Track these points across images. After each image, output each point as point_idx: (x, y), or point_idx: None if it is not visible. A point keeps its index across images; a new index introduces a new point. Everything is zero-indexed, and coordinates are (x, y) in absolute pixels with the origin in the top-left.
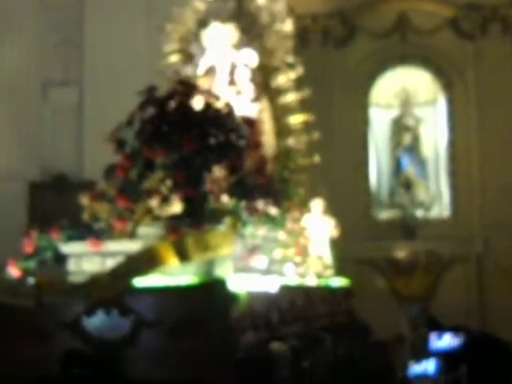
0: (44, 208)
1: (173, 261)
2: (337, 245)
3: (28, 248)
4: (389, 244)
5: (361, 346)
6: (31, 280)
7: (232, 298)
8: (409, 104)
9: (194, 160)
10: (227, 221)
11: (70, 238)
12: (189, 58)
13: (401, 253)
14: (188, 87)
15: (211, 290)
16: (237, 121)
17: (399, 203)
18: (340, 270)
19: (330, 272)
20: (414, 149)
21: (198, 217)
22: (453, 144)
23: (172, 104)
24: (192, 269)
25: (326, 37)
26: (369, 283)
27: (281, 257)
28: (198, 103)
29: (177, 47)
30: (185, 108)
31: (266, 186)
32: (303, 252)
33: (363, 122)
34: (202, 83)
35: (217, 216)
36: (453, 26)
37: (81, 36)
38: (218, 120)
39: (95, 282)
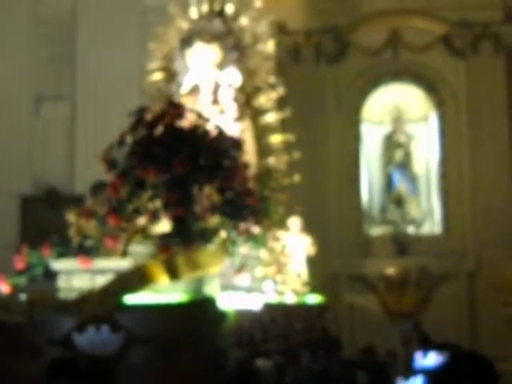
0: (35, 222)
1: (163, 278)
2: (327, 261)
3: (19, 264)
4: (380, 260)
5: (336, 361)
6: (23, 296)
7: (221, 315)
8: (401, 121)
9: (185, 181)
10: (216, 240)
11: (61, 255)
12: (172, 76)
13: (392, 269)
14: (178, 108)
15: (201, 308)
16: (226, 142)
17: (391, 219)
18: (327, 287)
19: (306, 289)
20: (405, 165)
21: (189, 236)
22: (444, 161)
23: (162, 125)
24: (182, 286)
25: (319, 53)
26: (360, 299)
27: (262, 275)
28: (187, 124)
29: (160, 65)
30: (175, 129)
31: (254, 206)
32: (283, 270)
33: (355, 138)
34: (186, 102)
35: (206, 235)
36: (445, 43)
37: (73, 50)
38: (207, 141)
39: (86, 298)
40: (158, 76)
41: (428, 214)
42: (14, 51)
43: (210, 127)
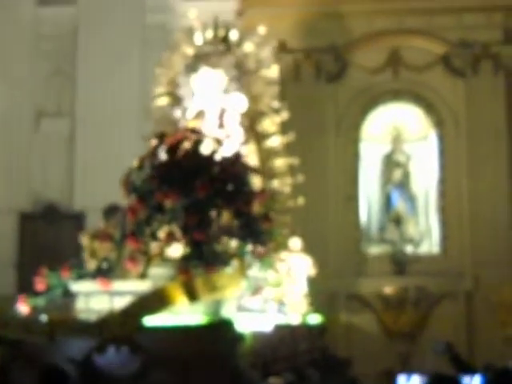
0: (34, 238)
1: (182, 301)
2: (326, 280)
3: (39, 286)
4: (378, 279)
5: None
6: (43, 317)
7: (238, 337)
8: (400, 140)
9: (205, 205)
10: (234, 263)
11: (80, 277)
12: (177, 101)
13: (390, 288)
14: (197, 134)
15: (219, 330)
16: (244, 167)
17: (389, 239)
18: (327, 306)
19: (308, 309)
20: (404, 185)
21: (208, 259)
22: (443, 180)
23: (182, 150)
24: (200, 308)
25: (319, 72)
26: (358, 318)
27: (270, 296)
28: (206, 149)
29: (165, 90)
30: (195, 154)
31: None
32: (287, 290)
33: (354, 157)
34: (192, 126)
35: (224, 258)
36: (444, 63)
37: (74, 67)
38: (226, 166)
39: (107, 320)
40: (163, 101)
41: (426, 234)
42: (15, 66)
43: (228, 152)
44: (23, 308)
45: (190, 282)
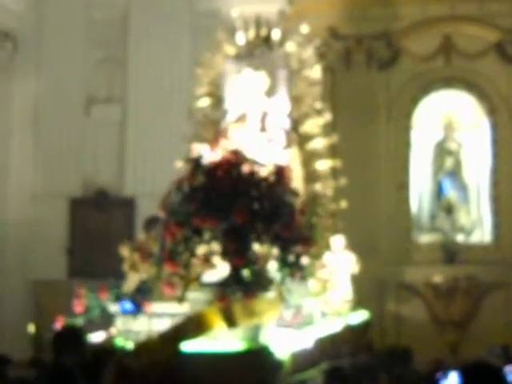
0: (85, 223)
1: (220, 326)
2: (377, 268)
3: (78, 308)
4: (429, 268)
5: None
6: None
7: (278, 364)
8: (452, 128)
9: (243, 230)
10: (273, 288)
11: (118, 298)
12: (219, 102)
13: (440, 277)
14: (237, 156)
15: (258, 356)
16: (284, 190)
17: (440, 227)
18: (377, 295)
19: (350, 308)
20: (456, 173)
21: (247, 285)
22: (496, 169)
23: (221, 172)
24: (239, 334)
25: (370, 59)
26: (408, 307)
27: (311, 306)
28: (245, 171)
29: (207, 91)
30: (233, 177)
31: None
32: (330, 297)
33: (406, 145)
34: (234, 129)
35: (263, 284)
36: (497, 51)
37: (125, 53)
38: (265, 189)
39: (145, 345)
40: (204, 102)
41: (478, 223)
42: (67, 52)
43: (267, 173)
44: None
45: (228, 308)
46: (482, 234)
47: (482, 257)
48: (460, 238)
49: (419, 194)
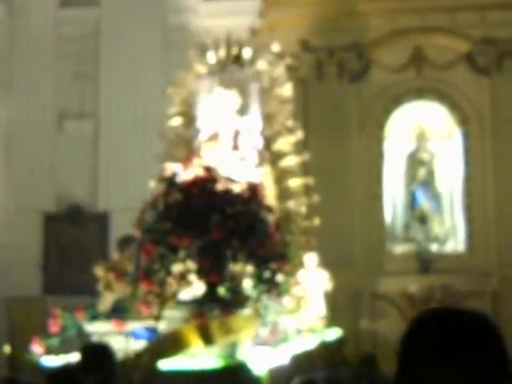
0: (59, 239)
1: (197, 344)
2: (351, 279)
3: (53, 327)
4: (403, 278)
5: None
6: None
7: (255, 381)
8: (424, 138)
9: (219, 246)
10: (250, 305)
11: (94, 318)
12: (191, 121)
13: (415, 287)
14: (211, 173)
15: (235, 373)
16: (258, 206)
17: (414, 237)
18: (351, 305)
19: (323, 324)
20: (428, 183)
21: (224, 302)
22: (468, 179)
23: (195, 190)
24: (216, 351)
25: (342, 71)
26: (384, 317)
27: (287, 323)
28: (220, 188)
29: (179, 110)
30: (207, 194)
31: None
32: (305, 314)
33: (378, 156)
34: (207, 148)
35: (240, 301)
36: (468, 61)
37: (97, 68)
38: (240, 205)
39: (122, 364)
40: (177, 121)
41: (451, 232)
42: (38, 68)
43: (241, 189)
44: (38, 349)
45: (205, 325)
46: (456, 243)
47: (457, 266)
48: (434, 247)
49: (393, 205)
